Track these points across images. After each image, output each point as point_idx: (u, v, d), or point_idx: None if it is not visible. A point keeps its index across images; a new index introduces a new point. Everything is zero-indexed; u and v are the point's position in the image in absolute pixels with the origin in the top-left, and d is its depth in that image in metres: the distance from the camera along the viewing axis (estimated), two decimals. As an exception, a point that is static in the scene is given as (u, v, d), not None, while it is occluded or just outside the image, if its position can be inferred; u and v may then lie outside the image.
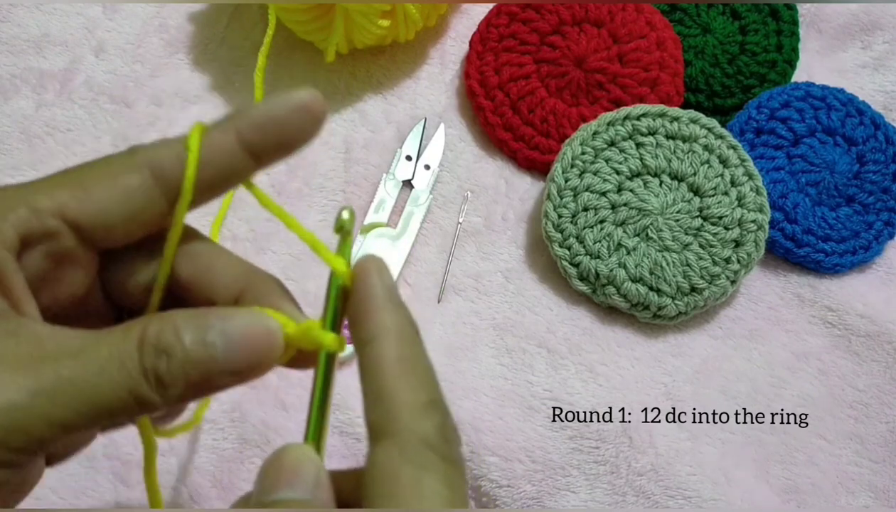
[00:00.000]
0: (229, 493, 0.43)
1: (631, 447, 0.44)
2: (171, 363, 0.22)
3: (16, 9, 0.54)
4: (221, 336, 0.23)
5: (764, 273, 0.50)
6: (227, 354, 0.23)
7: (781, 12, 0.53)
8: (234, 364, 0.23)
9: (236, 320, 0.23)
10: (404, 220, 0.49)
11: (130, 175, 0.25)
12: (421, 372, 0.23)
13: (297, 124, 0.25)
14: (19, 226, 0.24)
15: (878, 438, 0.46)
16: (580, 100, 0.51)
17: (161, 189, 0.25)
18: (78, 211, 0.24)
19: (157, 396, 0.23)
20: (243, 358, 0.23)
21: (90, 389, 0.22)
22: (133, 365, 0.22)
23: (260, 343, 0.23)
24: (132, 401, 0.22)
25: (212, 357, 0.23)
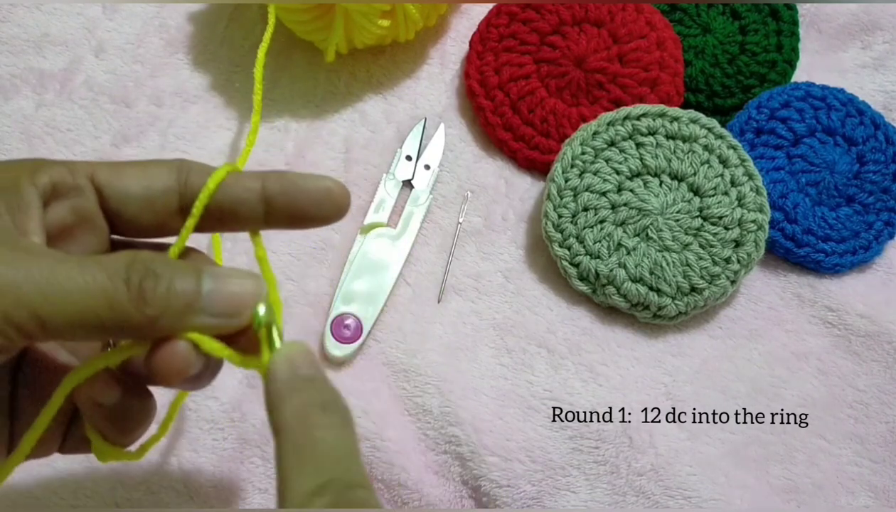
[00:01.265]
0: (229, 493, 0.43)
1: (631, 447, 0.44)
2: (157, 284, 0.24)
3: (16, 9, 0.54)
4: (211, 277, 0.25)
5: (764, 273, 0.50)
6: (210, 292, 0.25)
7: (781, 12, 0.53)
8: (215, 304, 0.25)
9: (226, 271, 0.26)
10: (404, 220, 0.49)
11: (160, 169, 0.28)
12: (317, 456, 0.24)
13: (318, 202, 0.28)
14: (55, 175, 0.27)
15: (878, 438, 0.46)
16: (580, 100, 0.51)
17: (180, 191, 0.28)
18: (107, 179, 0.28)
19: (133, 308, 0.23)
20: (224, 302, 0.25)
21: (67, 282, 0.23)
22: (116, 273, 0.23)
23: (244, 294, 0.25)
24: (107, 308, 0.23)
25: (196, 290, 0.24)
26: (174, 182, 0.28)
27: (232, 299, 0.25)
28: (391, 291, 0.47)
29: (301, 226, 0.29)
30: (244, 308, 0.25)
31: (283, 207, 0.28)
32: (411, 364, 0.46)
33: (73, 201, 0.27)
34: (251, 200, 0.28)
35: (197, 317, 0.25)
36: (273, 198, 0.28)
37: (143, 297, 0.24)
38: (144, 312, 0.24)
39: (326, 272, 0.48)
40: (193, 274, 0.25)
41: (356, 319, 0.46)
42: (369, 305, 0.46)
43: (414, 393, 0.45)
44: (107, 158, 0.50)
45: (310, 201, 0.28)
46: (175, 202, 0.28)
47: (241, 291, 0.25)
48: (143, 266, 0.24)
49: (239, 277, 0.26)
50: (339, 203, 0.28)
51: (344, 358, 0.45)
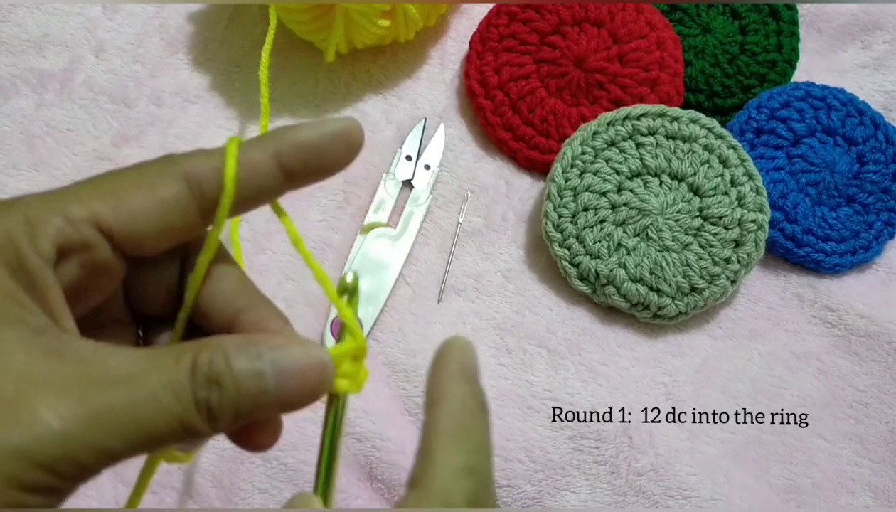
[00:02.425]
0: (229, 493, 0.43)
1: (631, 447, 0.44)
2: (223, 394, 0.22)
3: (16, 9, 0.54)
4: (272, 367, 0.23)
5: (764, 273, 0.50)
6: (278, 386, 0.23)
7: (781, 12, 0.53)
8: (284, 397, 0.23)
9: (288, 352, 0.23)
10: (404, 220, 0.49)
11: (166, 186, 0.24)
12: (471, 440, 0.23)
13: (335, 151, 0.26)
14: (56, 236, 0.23)
15: (878, 438, 0.46)
16: (580, 100, 0.51)
17: (196, 201, 0.25)
18: (112, 220, 0.24)
19: (206, 426, 0.22)
20: (294, 390, 0.23)
21: (141, 418, 0.21)
22: (186, 395, 0.22)
23: (313, 376, 0.23)
24: (182, 430, 0.22)
25: (262, 389, 0.23)
26: (187, 197, 0.25)
27: (299, 389, 0.23)
28: (391, 291, 0.47)
29: (323, 177, 0.26)
30: (313, 394, 0.24)
31: (302, 168, 0.26)
32: (411, 364, 0.46)
33: (82, 257, 0.24)
34: (269, 176, 0.25)
35: (266, 411, 0.23)
36: (290, 163, 0.25)
37: (212, 413, 0.22)
38: (215, 426, 0.22)
39: (326, 272, 0.48)
40: (251, 361, 0.23)
41: (356, 319, 0.46)
42: (369, 305, 0.46)
43: (414, 393, 0.45)
44: (107, 158, 0.50)
45: (327, 152, 0.26)
46: (195, 217, 0.25)
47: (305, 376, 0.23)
48: (204, 377, 0.22)
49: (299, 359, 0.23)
50: (355, 142, 0.26)
51: (344, 358, 0.45)
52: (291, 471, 0.43)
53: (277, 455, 0.43)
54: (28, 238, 0.23)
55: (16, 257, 0.23)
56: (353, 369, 0.25)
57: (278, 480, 0.43)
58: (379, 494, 0.43)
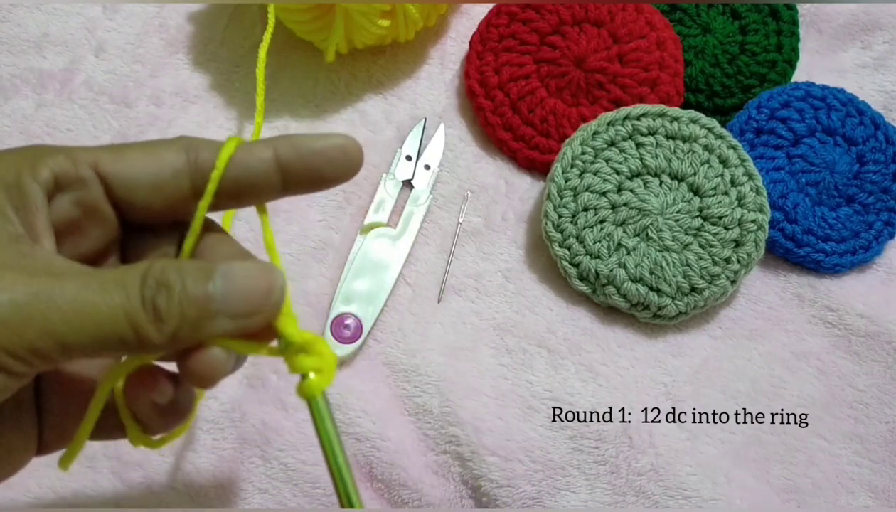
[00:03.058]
0: (229, 493, 0.43)
1: (631, 447, 0.44)
2: (170, 295, 0.23)
3: (16, 9, 0.54)
4: (223, 277, 0.24)
5: (764, 273, 0.50)
6: (225, 292, 0.24)
7: (781, 12, 0.53)
8: (230, 306, 0.24)
9: (239, 263, 0.24)
10: (404, 220, 0.49)
11: (167, 150, 0.27)
12: None
13: (336, 162, 0.27)
14: (56, 167, 0.26)
15: (878, 438, 0.46)
16: (580, 100, 0.51)
17: (190, 172, 0.26)
18: (111, 167, 0.26)
19: (153, 327, 0.23)
20: (241, 297, 0.24)
21: (89, 307, 0.22)
22: (133, 291, 0.23)
23: (260, 289, 0.24)
24: (129, 329, 0.23)
25: (209, 295, 0.23)
26: (183, 163, 0.26)
27: (246, 297, 0.24)
28: (391, 291, 0.47)
29: (317, 188, 0.28)
30: (261, 305, 0.24)
31: (300, 173, 0.27)
32: (411, 364, 0.46)
33: (77, 194, 0.26)
34: (267, 171, 0.26)
35: (214, 322, 0.24)
36: (288, 164, 0.27)
37: (159, 314, 0.23)
38: (162, 329, 0.23)
39: (326, 272, 0.48)
40: (203, 277, 0.24)
41: (356, 319, 0.46)
42: (369, 305, 0.46)
43: (414, 393, 0.45)
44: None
45: (325, 161, 0.27)
46: (187, 184, 0.27)
47: (253, 285, 0.24)
48: (154, 280, 0.23)
49: (249, 270, 0.24)
50: (353, 159, 0.27)
51: (344, 358, 0.45)
52: (291, 471, 0.43)
53: (277, 455, 0.43)
54: (31, 165, 0.25)
55: (14, 178, 0.25)
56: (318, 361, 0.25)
57: (278, 480, 0.43)
58: (379, 494, 0.43)
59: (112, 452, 0.43)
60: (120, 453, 0.43)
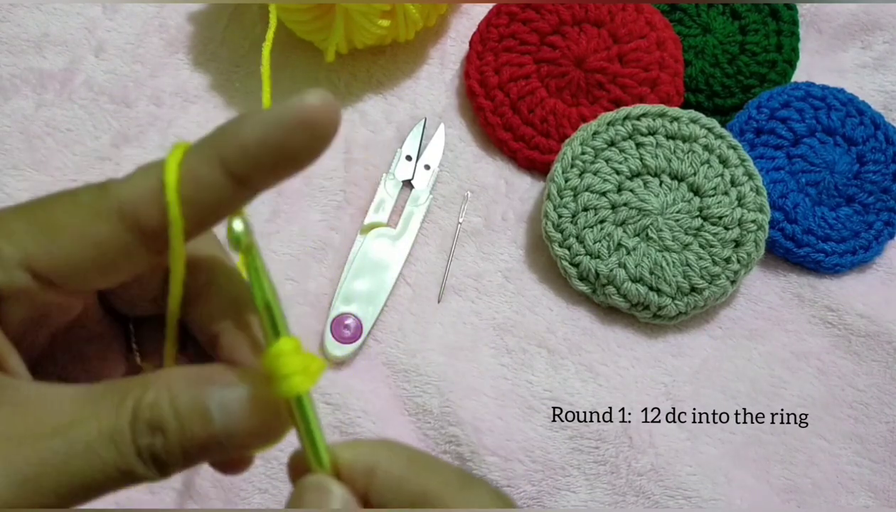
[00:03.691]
0: (229, 493, 0.43)
1: (631, 447, 0.44)
2: (167, 440, 0.20)
3: (16, 9, 0.54)
4: (220, 410, 0.21)
5: (764, 273, 0.50)
6: (226, 429, 0.21)
7: (781, 12, 0.53)
8: (234, 439, 0.21)
9: (236, 391, 0.21)
10: (404, 220, 0.49)
11: (99, 224, 0.21)
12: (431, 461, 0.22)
13: (297, 144, 0.20)
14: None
15: (878, 438, 0.46)
16: (580, 100, 0.51)
17: (135, 236, 0.21)
18: (47, 264, 0.21)
19: (153, 473, 0.21)
20: (244, 434, 0.21)
21: (77, 471, 0.20)
22: (125, 445, 0.20)
23: (263, 420, 0.21)
24: (124, 480, 0.20)
25: (210, 433, 0.21)
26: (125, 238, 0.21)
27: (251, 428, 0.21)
28: (391, 291, 0.47)
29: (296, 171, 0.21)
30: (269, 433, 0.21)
31: (265, 175, 0.21)
32: (411, 364, 0.46)
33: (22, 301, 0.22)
34: (222, 195, 0.21)
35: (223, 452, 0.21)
36: (248, 175, 0.21)
37: (160, 461, 0.20)
38: (167, 473, 0.21)
39: (326, 272, 0.48)
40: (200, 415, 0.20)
41: (356, 319, 0.46)
42: (369, 305, 0.46)
43: (414, 393, 0.45)
44: (107, 158, 0.50)
45: (292, 148, 0.20)
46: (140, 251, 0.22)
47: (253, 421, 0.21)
48: (146, 425, 0.20)
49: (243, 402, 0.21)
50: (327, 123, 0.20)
51: (344, 358, 0.45)
52: (291, 471, 0.43)
53: (277, 455, 0.43)
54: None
55: None
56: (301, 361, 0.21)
57: (278, 480, 0.43)
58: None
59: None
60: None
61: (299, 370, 0.21)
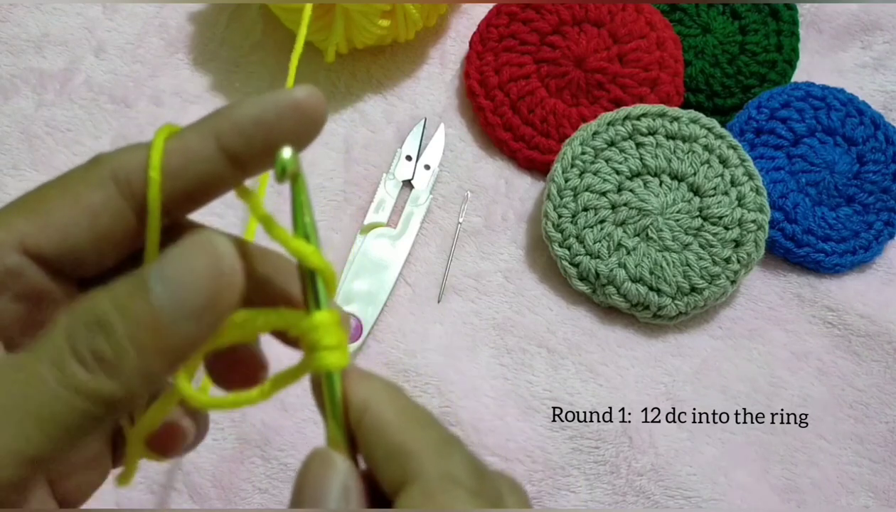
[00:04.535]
0: (229, 493, 0.43)
1: (631, 447, 0.44)
2: (110, 334, 0.18)
3: (16, 9, 0.54)
4: (159, 280, 0.18)
5: (764, 273, 0.50)
6: (169, 296, 0.18)
7: (781, 12, 0.53)
8: (186, 307, 0.18)
9: (173, 254, 0.19)
10: (404, 220, 0.49)
11: (93, 192, 0.21)
12: (423, 416, 0.21)
13: (289, 128, 0.21)
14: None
15: (878, 438, 0.46)
16: (580, 100, 0.51)
17: (130, 204, 0.21)
18: (39, 239, 0.21)
19: (109, 381, 0.18)
20: (194, 296, 0.19)
21: (35, 406, 0.18)
22: (63, 354, 0.18)
23: (204, 263, 0.19)
24: (85, 401, 0.18)
25: (156, 309, 0.18)
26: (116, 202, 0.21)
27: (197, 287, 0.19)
28: (391, 291, 0.47)
29: None
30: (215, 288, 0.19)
31: (256, 155, 0.22)
32: (411, 364, 0.46)
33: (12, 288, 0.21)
34: (214, 169, 0.21)
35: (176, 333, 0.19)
36: (240, 152, 0.21)
37: (107, 361, 0.18)
38: (120, 375, 0.18)
39: (326, 272, 0.48)
40: (139, 291, 0.18)
41: (356, 319, 0.46)
42: (369, 305, 0.46)
43: (414, 393, 0.45)
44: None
45: (283, 132, 0.21)
46: (132, 220, 0.22)
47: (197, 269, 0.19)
48: (82, 325, 0.18)
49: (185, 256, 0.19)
50: (315, 115, 0.22)
51: (344, 358, 0.45)
52: (291, 471, 0.43)
53: (277, 455, 0.43)
54: None
55: None
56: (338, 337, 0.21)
57: (278, 480, 0.43)
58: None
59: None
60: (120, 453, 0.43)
61: (338, 345, 0.20)
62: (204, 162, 0.21)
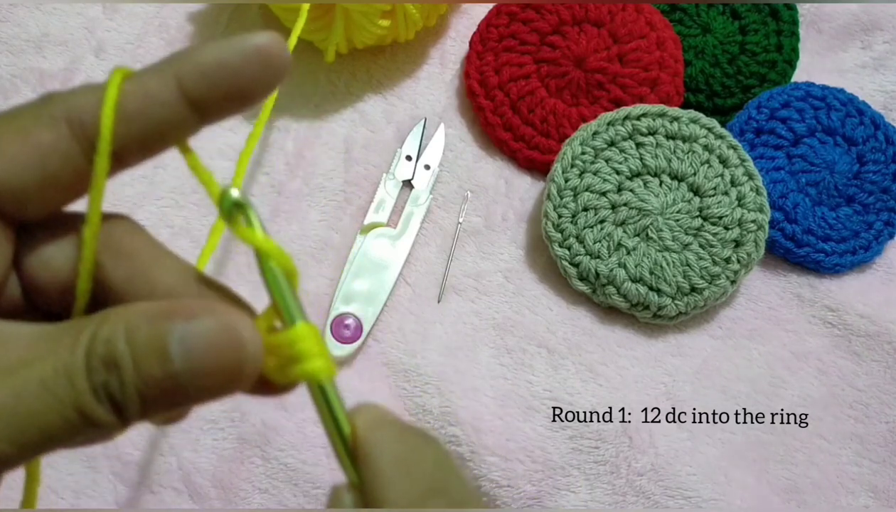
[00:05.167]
0: (229, 493, 0.43)
1: (631, 447, 0.44)
2: (123, 379, 0.18)
3: (16, 9, 0.54)
4: (180, 346, 0.19)
5: (764, 273, 0.50)
6: (186, 369, 0.19)
7: (781, 12, 0.53)
8: (196, 380, 0.19)
9: (200, 325, 0.19)
10: (404, 220, 0.49)
11: (42, 130, 0.20)
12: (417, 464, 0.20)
13: (253, 73, 0.21)
14: None
15: (878, 438, 0.46)
16: (580, 100, 0.51)
17: (81, 146, 0.21)
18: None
19: (112, 417, 0.19)
20: (207, 373, 0.19)
21: (31, 412, 0.18)
22: (80, 382, 0.18)
23: (229, 354, 0.19)
24: (83, 423, 0.19)
25: (169, 373, 0.19)
26: (68, 142, 0.20)
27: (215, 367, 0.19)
28: (391, 291, 0.47)
29: (244, 106, 0.22)
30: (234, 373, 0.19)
31: (219, 100, 0.21)
32: (411, 364, 0.46)
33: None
34: (173, 112, 0.21)
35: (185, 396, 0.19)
36: (202, 96, 0.21)
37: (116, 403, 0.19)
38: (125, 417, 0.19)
39: (326, 272, 0.48)
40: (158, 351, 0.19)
41: (356, 319, 0.46)
42: (369, 305, 0.46)
43: (414, 393, 0.45)
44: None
45: (247, 77, 0.21)
46: (82, 163, 0.21)
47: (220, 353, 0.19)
48: (100, 360, 0.18)
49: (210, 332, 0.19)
50: (278, 61, 0.21)
51: (344, 358, 0.45)
52: (291, 471, 0.43)
53: (277, 455, 0.43)
54: None
55: None
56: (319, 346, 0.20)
57: (278, 480, 0.43)
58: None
59: (112, 452, 0.43)
60: (120, 453, 0.43)
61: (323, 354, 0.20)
62: (162, 106, 0.21)
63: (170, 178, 0.50)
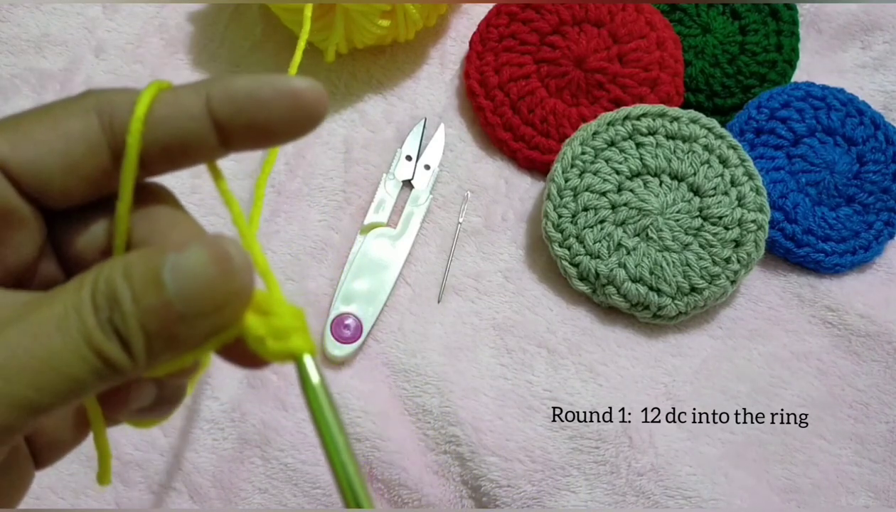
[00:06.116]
0: (229, 493, 0.43)
1: (631, 447, 0.44)
2: (124, 312, 0.19)
3: (16, 9, 0.54)
4: (172, 273, 0.19)
5: (764, 273, 0.50)
6: (179, 293, 0.19)
7: (781, 12, 0.53)
8: (192, 306, 0.19)
9: (190, 251, 0.19)
10: (404, 220, 0.49)
11: (72, 119, 0.21)
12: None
13: (284, 114, 0.21)
14: None
15: (878, 438, 0.46)
16: (580, 100, 0.51)
17: (107, 138, 0.21)
18: (10, 156, 0.21)
19: (122, 352, 0.19)
20: (204, 297, 0.19)
21: (48, 354, 0.19)
22: (88, 316, 0.19)
23: (217, 272, 0.19)
24: (98, 362, 0.19)
25: (164, 301, 0.19)
26: (96, 132, 0.21)
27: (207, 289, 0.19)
28: (391, 291, 0.47)
29: (267, 144, 0.22)
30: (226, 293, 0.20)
31: (242, 129, 0.21)
32: (411, 364, 0.46)
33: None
34: (199, 129, 0.21)
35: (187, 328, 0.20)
36: (226, 120, 0.21)
37: (121, 336, 0.19)
38: (132, 352, 0.19)
39: (326, 272, 0.48)
40: (152, 281, 0.19)
41: (356, 319, 0.46)
42: (369, 305, 0.46)
43: (414, 393, 0.45)
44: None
45: (274, 114, 0.21)
46: (106, 156, 0.22)
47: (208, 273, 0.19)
48: (103, 297, 0.19)
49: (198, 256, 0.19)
50: (311, 109, 0.21)
51: (344, 358, 0.45)
52: (291, 471, 0.43)
53: (277, 455, 0.43)
54: None
55: None
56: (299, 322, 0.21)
57: (278, 480, 0.43)
58: (379, 494, 0.43)
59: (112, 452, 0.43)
60: (120, 453, 0.43)
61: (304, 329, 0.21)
62: (190, 118, 0.21)
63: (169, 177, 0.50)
